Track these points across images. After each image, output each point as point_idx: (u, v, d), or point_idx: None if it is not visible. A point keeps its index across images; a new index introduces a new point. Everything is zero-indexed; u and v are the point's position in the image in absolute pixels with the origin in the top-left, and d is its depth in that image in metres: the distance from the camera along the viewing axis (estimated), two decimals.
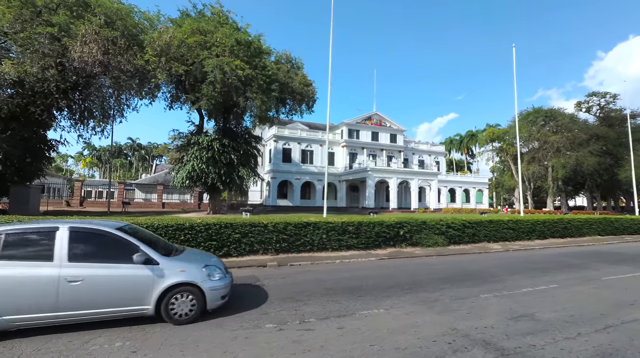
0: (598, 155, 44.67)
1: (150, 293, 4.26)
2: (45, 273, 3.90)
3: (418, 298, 5.64)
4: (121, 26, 18.24)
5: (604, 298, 5.80)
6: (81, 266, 4.05)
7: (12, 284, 3.79)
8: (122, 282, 4.18)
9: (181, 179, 20.88)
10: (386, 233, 11.10)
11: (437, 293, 5.96)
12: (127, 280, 4.21)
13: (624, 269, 8.48)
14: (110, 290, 4.11)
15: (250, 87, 19.49)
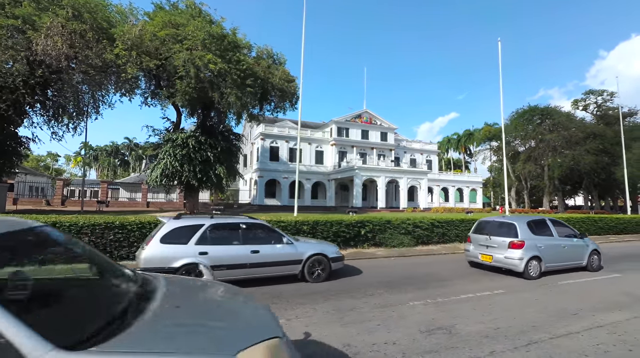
0: (595, 153, 43.84)
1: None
2: None
3: (335, 306, 5.00)
4: (89, 19, 17.66)
5: (547, 306, 5.13)
6: None
7: None
8: None
9: (155, 177, 20.29)
10: (346, 233, 10.44)
11: (362, 301, 5.31)
12: None
13: (592, 272, 7.79)
14: None
15: (225, 82, 18.91)
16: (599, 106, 48.89)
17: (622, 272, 7.83)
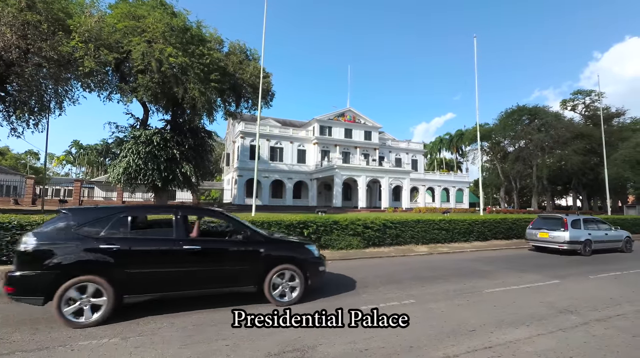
0: (582, 154, 43.48)
1: None
2: None
3: (201, 321, 4.32)
4: (43, 9, 16.87)
5: (447, 320, 4.48)
6: None
7: None
8: None
9: (117, 175, 19.53)
10: (286, 234, 9.76)
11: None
12: None
13: (529, 278, 7.16)
14: None
15: (187, 77, 18.21)
16: (587, 106, 48.56)
17: (564, 278, 7.20)
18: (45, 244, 4.09)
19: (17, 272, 3.97)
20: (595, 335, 4.05)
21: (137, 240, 4.55)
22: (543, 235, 11.29)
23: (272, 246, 5.19)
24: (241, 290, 4.91)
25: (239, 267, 4.90)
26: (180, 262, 4.56)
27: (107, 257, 4.18)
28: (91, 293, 4.07)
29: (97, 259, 4.14)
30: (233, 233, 5.34)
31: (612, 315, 4.78)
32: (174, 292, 4.59)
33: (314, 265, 5.32)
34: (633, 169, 36.05)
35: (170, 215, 4.94)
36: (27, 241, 4.07)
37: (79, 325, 3.98)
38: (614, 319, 4.60)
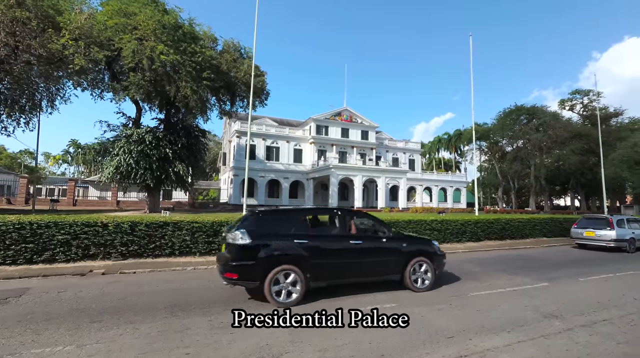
0: (580, 154, 43.35)
1: None
2: None
3: (167, 327, 4.13)
4: (32, 6, 16.64)
5: (426, 326, 4.28)
6: None
7: None
8: None
9: (108, 174, 19.32)
10: None
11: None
12: None
13: (518, 280, 6.98)
14: None
15: (179, 75, 18.01)
16: (585, 106, 48.41)
17: (553, 281, 7.02)
18: (258, 240, 5.08)
19: (238, 262, 5.00)
20: (578, 342, 3.87)
21: (317, 237, 5.60)
22: (589, 233, 12.28)
23: (410, 241, 6.29)
24: (388, 278, 6.06)
25: (388, 258, 5.94)
26: (349, 254, 5.62)
27: (301, 250, 5.21)
28: (290, 279, 5.07)
29: (294, 252, 5.17)
30: (378, 231, 6.27)
31: (597, 320, 4.60)
32: (344, 280, 5.70)
33: (440, 258, 6.39)
34: (631, 169, 35.90)
35: (327, 216, 6.44)
36: (243, 238, 5.06)
37: (283, 304, 4.96)
38: (600, 325, 4.42)
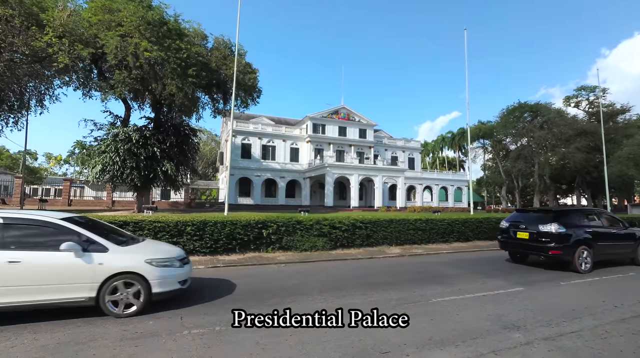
0: (586, 151, 42.23)
1: None
2: None
3: (70, 338, 3.70)
4: (16, 4, 16.46)
5: (365, 337, 3.79)
6: None
7: None
8: None
9: (96, 173, 19.09)
10: (243, 235, 9.14)
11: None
12: None
13: (492, 284, 6.41)
14: None
15: (164, 72, 17.69)
16: (591, 103, 47.17)
17: (531, 285, 6.45)
18: (568, 230, 7.81)
19: (561, 243, 7.68)
20: None
21: (596, 226, 8.44)
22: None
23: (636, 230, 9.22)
24: (624, 260, 8.95)
25: (628, 242, 8.82)
26: (612, 239, 8.56)
27: (590, 236, 8.02)
28: (585, 254, 7.88)
29: (587, 237, 7.97)
30: (618, 223, 9.05)
31: (565, 331, 4.06)
32: (609, 257, 8.58)
33: None
34: (637, 167, 34.75)
35: (591, 213, 8.96)
36: (561, 228, 7.75)
37: (584, 271, 7.72)
38: (565, 338, 3.87)
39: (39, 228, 4.37)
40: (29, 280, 4.05)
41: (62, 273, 4.17)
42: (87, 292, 4.23)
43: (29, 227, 4.38)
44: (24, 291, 4.03)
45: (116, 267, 4.39)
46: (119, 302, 4.38)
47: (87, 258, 4.27)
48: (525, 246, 8.38)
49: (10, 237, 4.17)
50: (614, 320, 4.49)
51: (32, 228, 4.37)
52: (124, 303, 4.40)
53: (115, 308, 4.37)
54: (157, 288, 4.53)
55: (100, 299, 4.29)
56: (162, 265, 4.68)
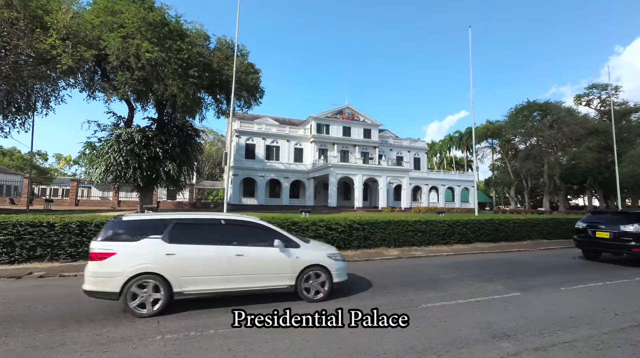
0: (597, 151, 41.21)
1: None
2: None
3: (38, 342, 3.62)
4: (20, 7, 16.70)
5: (343, 346, 3.62)
6: None
7: None
8: None
9: (99, 174, 19.28)
10: None
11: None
12: None
13: (488, 289, 6.16)
14: None
15: (166, 73, 17.76)
16: (603, 101, 45.98)
17: (529, 290, 6.18)
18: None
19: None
20: None
21: None
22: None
23: None
24: None
25: None
26: None
27: None
28: None
29: None
30: None
31: (558, 341, 3.82)
32: None
33: None
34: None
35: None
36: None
37: None
38: (557, 348, 3.64)
39: (251, 228, 5.34)
40: (250, 270, 4.99)
41: (273, 265, 5.12)
42: (288, 280, 5.18)
43: (243, 227, 5.34)
44: (245, 279, 4.97)
45: (308, 260, 5.31)
46: (310, 289, 5.30)
47: (288, 253, 5.19)
48: (605, 245, 9.09)
49: (232, 235, 5.10)
50: (613, 329, 4.22)
51: (247, 228, 5.33)
52: (314, 290, 5.30)
53: (308, 294, 5.27)
54: (336, 279, 5.45)
55: (297, 287, 5.21)
56: (338, 260, 5.57)
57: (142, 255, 4.54)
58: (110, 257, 4.45)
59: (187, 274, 4.65)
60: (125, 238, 4.63)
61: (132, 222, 4.83)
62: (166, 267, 4.55)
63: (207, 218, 5.33)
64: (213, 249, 4.84)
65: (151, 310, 4.45)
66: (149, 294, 4.47)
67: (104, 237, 4.60)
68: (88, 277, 4.42)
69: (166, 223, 4.85)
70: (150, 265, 4.50)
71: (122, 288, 4.37)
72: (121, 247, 4.54)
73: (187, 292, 4.63)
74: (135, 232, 4.71)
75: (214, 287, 4.79)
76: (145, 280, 4.47)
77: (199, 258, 4.75)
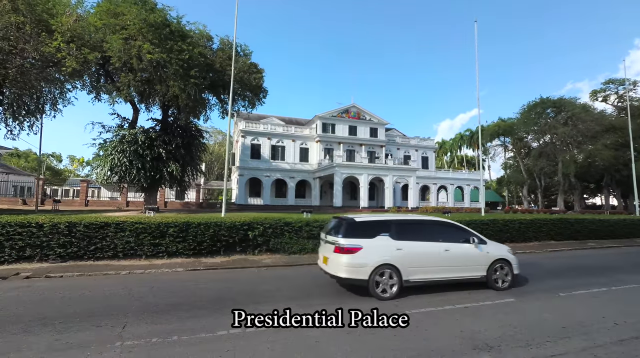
0: (615, 148, 39.71)
1: None
2: None
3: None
4: (26, 11, 17.01)
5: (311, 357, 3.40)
6: None
7: None
8: None
9: (104, 174, 19.54)
10: (227, 237, 8.90)
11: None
12: None
13: (479, 295, 5.77)
14: None
15: (167, 74, 17.84)
16: (620, 97, 44.24)
17: (525, 295, 5.81)
18: None
19: None
20: None
21: None
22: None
23: None
24: None
25: None
26: None
27: None
28: None
29: None
30: None
31: (545, 355, 3.49)
32: None
33: None
34: None
35: None
36: None
37: None
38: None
39: (449, 228, 6.35)
40: (455, 263, 5.97)
41: (471, 259, 6.06)
42: (481, 271, 6.10)
43: (444, 226, 6.37)
44: (451, 270, 5.96)
45: (495, 254, 6.22)
46: (498, 280, 6.17)
47: (480, 249, 6.13)
48: None
49: (437, 233, 6.13)
50: (609, 341, 3.86)
51: (446, 227, 6.34)
52: (500, 280, 6.17)
53: (497, 284, 6.15)
54: (516, 271, 6.30)
55: (488, 277, 6.12)
56: (514, 254, 6.44)
57: (381, 250, 5.56)
58: (359, 251, 5.48)
59: (412, 265, 5.64)
60: (362, 235, 5.63)
61: (364, 223, 5.87)
62: (398, 260, 5.57)
63: (418, 219, 6.49)
64: (428, 245, 5.85)
65: (392, 293, 5.47)
66: (387, 281, 5.49)
67: (345, 234, 5.61)
68: (343, 267, 5.43)
69: (389, 224, 5.89)
70: (388, 258, 5.52)
71: (369, 276, 5.40)
72: (364, 242, 5.55)
73: (412, 280, 5.64)
74: (368, 231, 5.73)
75: (430, 276, 5.78)
76: (383, 270, 5.48)
77: (419, 252, 5.76)
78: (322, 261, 6.07)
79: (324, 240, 6.22)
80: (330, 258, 5.70)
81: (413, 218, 6.55)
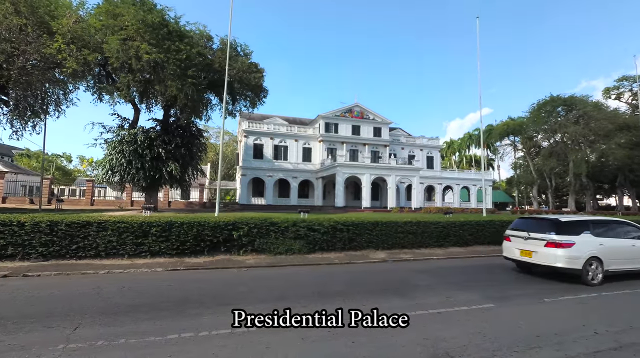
0: (629, 147, 38.36)
1: None
2: None
3: None
4: (27, 12, 17.31)
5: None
6: None
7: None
8: None
9: (104, 174, 19.77)
10: (211, 236, 8.80)
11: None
12: None
13: (458, 299, 5.50)
14: None
15: (164, 74, 17.92)
16: (635, 94, 42.75)
17: (507, 300, 5.50)
18: None
19: None
20: None
21: None
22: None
23: None
24: None
25: None
26: None
27: None
28: None
29: None
30: None
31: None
32: None
33: None
34: None
35: None
36: None
37: None
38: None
39: (627, 226, 7.55)
40: (637, 256, 7.19)
41: None
42: None
43: (624, 225, 7.55)
44: (634, 262, 7.16)
45: None
46: None
47: None
48: None
49: (622, 231, 7.43)
50: (583, 352, 3.56)
51: (625, 226, 7.54)
52: None
53: None
54: None
55: None
56: None
57: (589, 245, 6.73)
58: (572, 246, 6.64)
59: (611, 258, 6.82)
60: (571, 233, 6.79)
61: (569, 222, 7.04)
62: (601, 253, 6.75)
63: (607, 220, 7.71)
64: (620, 241, 7.11)
65: (598, 280, 6.65)
66: (595, 271, 6.66)
67: (557, 232, 6.82)
68: (562, 258, 6.57)
69: (588, 223, 7.08)
70: (595, 251, 6.68)
71: (582, 266, 6.57)
72: (575, 238, 6.70)
73: (610, 271, 6.78)
74: (575, 229, 6.90)
75: (621, 267, 6.97)
76: (592, 261, 6.66)
77: (615, 246, 6.97)
78: (519, 254, 7.39)
79: (524, 237, 7.36)
80: (539, 252, 6.90)
81: (604, 219, 7.78)
